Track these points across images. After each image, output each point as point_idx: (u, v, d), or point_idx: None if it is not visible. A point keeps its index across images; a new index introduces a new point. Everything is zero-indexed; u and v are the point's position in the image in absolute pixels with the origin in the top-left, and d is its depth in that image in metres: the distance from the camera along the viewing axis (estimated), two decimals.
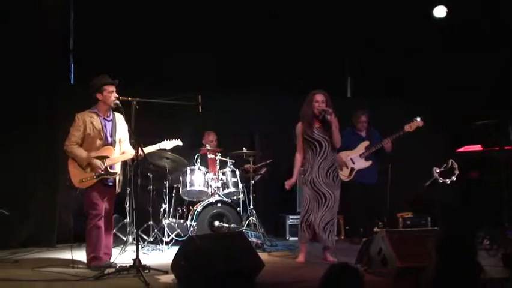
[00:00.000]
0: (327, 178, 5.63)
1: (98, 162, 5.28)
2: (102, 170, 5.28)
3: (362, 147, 7.02)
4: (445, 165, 6.19)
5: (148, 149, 5.47)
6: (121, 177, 5.58)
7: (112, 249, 5.59)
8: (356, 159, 6.98)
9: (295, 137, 5.77)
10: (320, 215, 5.56)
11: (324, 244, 5.63)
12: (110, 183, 5.44)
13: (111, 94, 5.36)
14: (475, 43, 7.97)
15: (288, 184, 5.82)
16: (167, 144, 5.73)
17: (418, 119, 6.56)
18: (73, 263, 5.36)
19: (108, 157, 5.36)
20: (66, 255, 5.76)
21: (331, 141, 5.66)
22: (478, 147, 6.46)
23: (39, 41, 6.80)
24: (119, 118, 5.52)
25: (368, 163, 6.98)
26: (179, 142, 5.83)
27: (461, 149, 6.67)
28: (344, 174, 6.93)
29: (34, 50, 6.75)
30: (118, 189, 5.53)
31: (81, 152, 5.29)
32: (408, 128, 6.60)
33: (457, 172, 6.12)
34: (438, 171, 6.19)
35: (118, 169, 5.46)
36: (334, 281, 2.57)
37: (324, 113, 5.59)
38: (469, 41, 8.01)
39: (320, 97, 5.65)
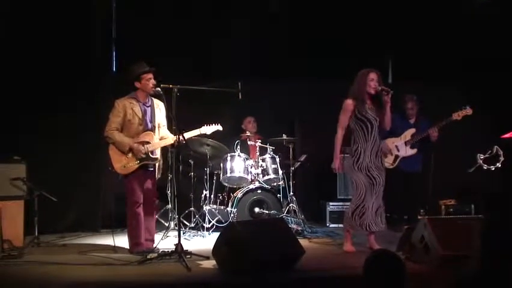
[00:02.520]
0: (377, 161, 5.48)
1: (140, 146, 5.36)
2: (144, 154, 5.36)
3: (408, 134, 6.89)
4: (490, 151, 6.04)
5: (188, 134, 5.53)
6: (161, 163, 5.66)
7: (155, 235, 5.70)
8: (401, 147, 6.86)
9: (342, 113, 5.51)
10: (371, 202, 5.43)
11: (375, 229, 5.46)
12: (151, 169, 5.53)
13: (149, 82, 5.43)
14: None
15: (337, 167, 5.57)
16: (208, 129, 5.76)
17: (467, 107, 6.40)
18: (115, 248, 5.49)
19: (149, 142, 5.43)
20: (109, 239, 5.89)
21: (380, 122, 5.51)
22: None
23: (82, 29, 6.92)
24: (158, 103, 5.59)
25: (413, 151, 6.85)
26: (219, 127, 5.85)
27: (507, 135, 6.49)
28: (388, 161, 6.83)
29: (77, 39, 6.87)
30: (158, 174, 5.61)
31: (122, 138, 5.38)
32: (456, 116, 6.43)
33: (502, 159, 5.97)
34: (482, 157, 6.05)
35: (158, 154, 5.54)
36: (376, 267, 2.55)
37: (384, 92, 5.39)
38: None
39: (374, 75, 5.46)
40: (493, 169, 5.99)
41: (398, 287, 2.52)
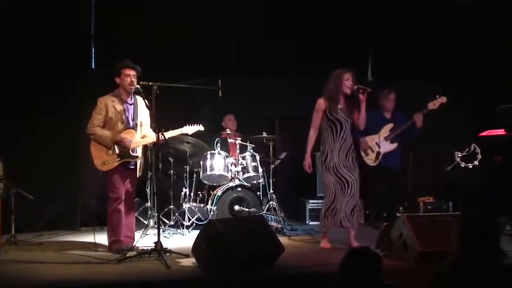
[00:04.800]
0: (347, 161, 5.48)
1: (124, 137, 5.34)
2: (130, 142, 5.32)
3: (386, 130, 6.92)
4: (467, 149, 6.12)
5: (169, 134, 5.50)
6: (142, 161, 5.63)
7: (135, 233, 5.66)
8: (381, 143, 6.87)
9: (315, 112, 5.58)
10: (344, 201, 5.44)
11: (351, 227, 5.49)
12: (132, 167, 5.49)
13: (127, 78, 5.39)
14: (499, 25, 7.82)
15: (308, 166, 5.65)
16: (189, 129, 5.76)
17: (441, 96, 6.47)
18: (95, 246, 5.44)
19: (130, 140, 5.40)
20: (89, 238, 5.84)
21: (352, 122, 5.53)
22: (501, 132, 6.36)
23: (61, 25, 6.84)
24: (141, 102, 5.55)
25: (394, 145, 6.87)
26: (200, 127, 5.84)
27: (484, 133, 6.58)
28: (370, 159, 6.85)
29: (56, 35, 6.80)
30: (139, 172, 5.58)
31: (105, 132, 5.35)
32: (431, 105, 6.48)
33: (479, 156, 6.05)
34: (460, 155, 6.13)
35: (139, 153, 5.51)
36: (353, 264, 2.57)
37: (360, 91, 5.41)
38: (492, 22, 7.86)
39: (350, 75, 5.48)
40: (471, 167, 6.07)
41: (374, 283, 2.54)
